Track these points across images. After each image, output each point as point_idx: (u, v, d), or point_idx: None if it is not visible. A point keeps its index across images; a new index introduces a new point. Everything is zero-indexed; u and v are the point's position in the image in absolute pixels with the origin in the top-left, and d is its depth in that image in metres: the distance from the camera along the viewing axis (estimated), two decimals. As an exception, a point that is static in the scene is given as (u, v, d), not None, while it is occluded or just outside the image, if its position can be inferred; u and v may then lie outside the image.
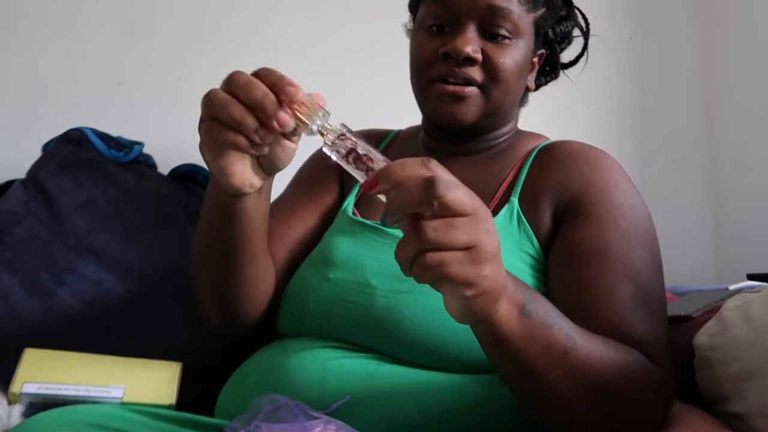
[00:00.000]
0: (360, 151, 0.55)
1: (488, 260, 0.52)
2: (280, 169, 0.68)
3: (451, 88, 0.83)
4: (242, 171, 0.66)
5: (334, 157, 0.55)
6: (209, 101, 0.59)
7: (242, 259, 0.79)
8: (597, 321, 0.71)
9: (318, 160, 1.01)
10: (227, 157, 0.64)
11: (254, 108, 0.57)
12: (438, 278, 0.51)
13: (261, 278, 0.84)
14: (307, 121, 0.57)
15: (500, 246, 0.54)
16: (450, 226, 0.50)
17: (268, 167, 0.68)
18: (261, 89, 0.57)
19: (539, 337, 0.59)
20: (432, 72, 0.85)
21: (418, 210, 0.50)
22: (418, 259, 0.50)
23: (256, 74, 0.59)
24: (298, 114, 0.57)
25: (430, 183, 0.49)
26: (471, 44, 0.82)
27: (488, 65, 0.84)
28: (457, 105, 0.84)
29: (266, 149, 0.60)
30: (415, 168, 0.51)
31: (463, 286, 0.51)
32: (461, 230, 0.50)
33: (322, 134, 0.56)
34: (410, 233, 0.50)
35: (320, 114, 0.57)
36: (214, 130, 0.60)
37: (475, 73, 0.84)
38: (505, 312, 0.56)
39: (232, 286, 0.82)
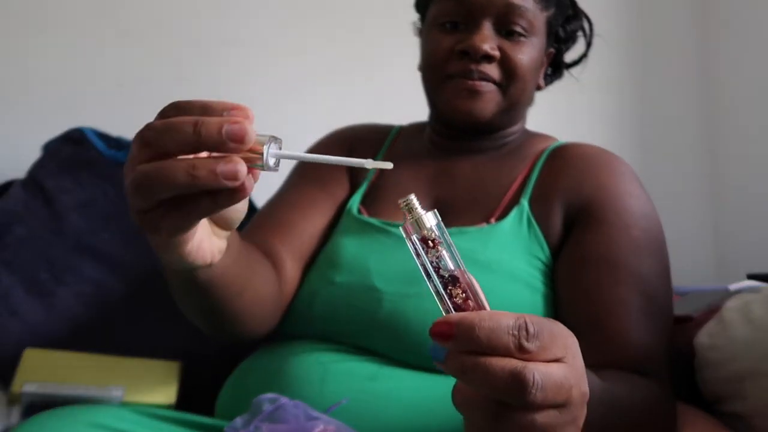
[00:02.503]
0: (442, 262, 0.42)
1: None
2: (240, 219, 0.53)
3: (469, 82, 0.83)
4: (207, 245, 0.52)
5: (408, 246, 0.42)
6: (141, 187, 0.41)
7: (229, 306, 0.68)
8: (606, 333, 0.71)
9: (325, 150, 0.97)
10: (192, 238, 0.49)
11: (191, 147, 0.40)
12: None
13: (253, 305, 0.74)
14: (259, 155, 0.41)
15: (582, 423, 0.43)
16: (531, 423, 0.39)
17: (226, 225, 0.54)
18: (188, 121, 0.40)
19: None
20: (448, 69, 0.84)
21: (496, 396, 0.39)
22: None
23: (166, 114, 0.43)
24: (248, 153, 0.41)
25: (521, 383, 0.37)
26: (489, 42, 0.82)
27: (505, 62, 0.83)
28: (475, 101, 0.83)
29: (251, 183, 0.42)
30: (508, 339, 0.38)
31: None
32: (542, 427, 0.39)
33: (409, 212, 0.42)
34: (480, 399, 0.39)
35: (270, 144, 0.41)
36: (171, 214, 0.43)
37: (492, 70, 0.83)
38: None
39: (226, 325, 0.73)
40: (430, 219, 0.42)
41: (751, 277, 1.18)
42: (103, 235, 1.06)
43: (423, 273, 0.42)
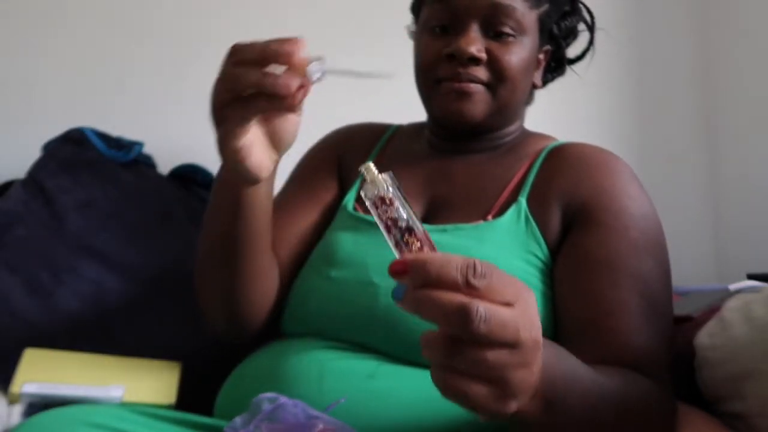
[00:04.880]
0: (398, 215, 0.47)
1: (517, 397, 0.45)
2: (289, 146, 0.68)
3: (457, 84, 0.83)
4: (259, 152, 0.65)
5: (368, 207, 0.49)
6: (225, 81, 0.60)
7: (251, 252, 0.78)
8: (605, 334, 0.71)
9: (312, 157, 1.00)
10: (249, 140, 0.63)
11: (265, 61, 0.57)
12: (457, 403, 0.45)
13: (267, 273, 0.83)
14: (307, 70, 0.58)
15: (540, 375, 0.47)
16: (481, 359, 0.42)
17: (278, 144, 0.67)
18: (260, 43, 0.58)
19: (563, 425, 0.53)
20: (437, 73, 0.85)
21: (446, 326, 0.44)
22: (440, 374, 0.44)
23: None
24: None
25: (466, 314, 0.41)
26: (475, 44, 0.82)
27: (493, 64, 0.83)
28: (464, 102, 0.83)
29: (300, 97, 0.58)
30: (456, 274, 0.42)
31: (482, 414, 0.46)
32: (493, 365, 0.43)
33: (363, 178, 0.48)
34: (434, 342, 0.44)
35: (314, 62, 0.57)
36: (238, 106, 0.59)
37: (481, 73, 0.83)
38: (527, 410, 0.49)
39: (240, 282, 0.80)
40: (387, 179, 0.48)
41: (751, 277, 1.18)
42: (103, 235, 1.06)
43: (384, 229, 0.47)
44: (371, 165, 0.48)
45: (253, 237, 0.77)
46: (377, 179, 0.48)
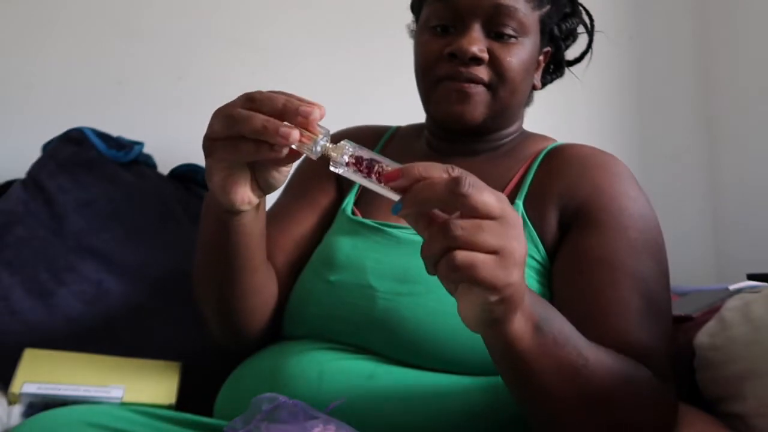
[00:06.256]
0: (368, 157, 0.53)
1: (516, 266, 0.51)
2: (275, 189, 0.69)
3: (458, 84, 0.82)
4: (243, 189, 0.66)
5: (341, 171, 0.54)
6: (228, 118, 0.59)
7: (242, 273, 0.78)
8: (605, 332, 0.70)
9: (310, 162, 1.00)
10: (235, 175, 0.64)
11: (276, 114, 0.57)
12: (465, 280, 0.49)
13: (261, 289, 0.83)
14: (312, 142, 0.57)
15: (526, 254, 0.53)
16: (478, 228, 0.49)
17: (264, 186, 0.68)
18: (281, 97, 0.57)
19: (551, 355, 0.57)
20: (437, 72, 0.84)
21: (441, 206, 0.51)
22: (446, 257, 0.49)
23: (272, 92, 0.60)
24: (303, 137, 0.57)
25: (456, 182, 0.49)
26: (477, 44, 0.82)
27: (495, 64, 0.83)
28: (465, 104, 0.83)
29: (286, 148, 0.58)
30: (440, 170, 0.50)
31: (488, 291, 0.50)
32: (490, 233, 0.49)
33: (327, 156, 0.54)
34: (436, 231, 0.49)
35: (321, 135, 0.57)
36: (228, 146, 0.59)
37: (482, 72, 0.83)
38: (519, 327, 0.55)
39: (233, 299, 0.80)
40: (346, 144, 0.54)
41: (751, 277, 1.18)
42: (103, 235, 1.06)
43: (364, 179, 0.53)
44: (327, 143, 0.55)
45: (243, 257, 0.76)
46: (338, 146, 0.54)
